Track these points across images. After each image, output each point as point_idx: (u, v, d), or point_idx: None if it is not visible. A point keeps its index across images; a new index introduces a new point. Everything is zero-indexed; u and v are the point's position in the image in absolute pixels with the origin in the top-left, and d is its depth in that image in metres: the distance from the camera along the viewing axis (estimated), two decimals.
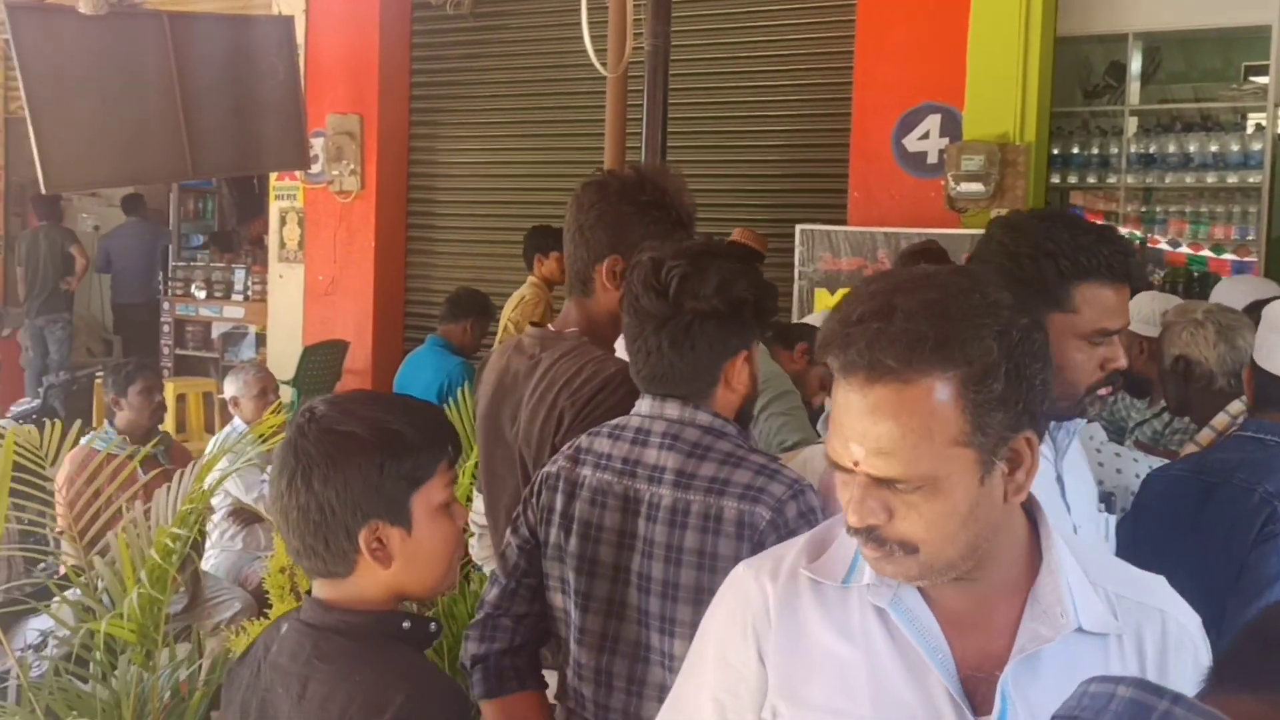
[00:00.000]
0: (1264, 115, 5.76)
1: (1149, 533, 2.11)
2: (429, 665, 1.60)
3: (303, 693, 1.52)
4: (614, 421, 1.94)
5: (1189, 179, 5.96)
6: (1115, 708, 0.79)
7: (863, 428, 1.18)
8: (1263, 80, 5.76)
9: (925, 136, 6.02)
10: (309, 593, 1.64)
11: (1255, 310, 2.61)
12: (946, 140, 5.93)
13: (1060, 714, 0.84)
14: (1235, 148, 5.84)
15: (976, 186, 5.76)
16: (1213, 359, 2.79)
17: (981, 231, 3.08)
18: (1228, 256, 6.02)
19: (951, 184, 5.83)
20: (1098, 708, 0.80)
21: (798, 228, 6.08)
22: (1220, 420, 2.74)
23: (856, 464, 1.20)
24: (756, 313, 1.88)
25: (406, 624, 1.58)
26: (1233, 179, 5.84)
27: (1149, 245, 6.26)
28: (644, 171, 2.39)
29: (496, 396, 2.29)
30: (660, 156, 4.12)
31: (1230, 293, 3.71)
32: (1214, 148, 5.88)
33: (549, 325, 2.38)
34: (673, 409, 1.86)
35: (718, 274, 1.83)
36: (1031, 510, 1.31)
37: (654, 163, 4.11)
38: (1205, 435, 2.78)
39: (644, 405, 1.91)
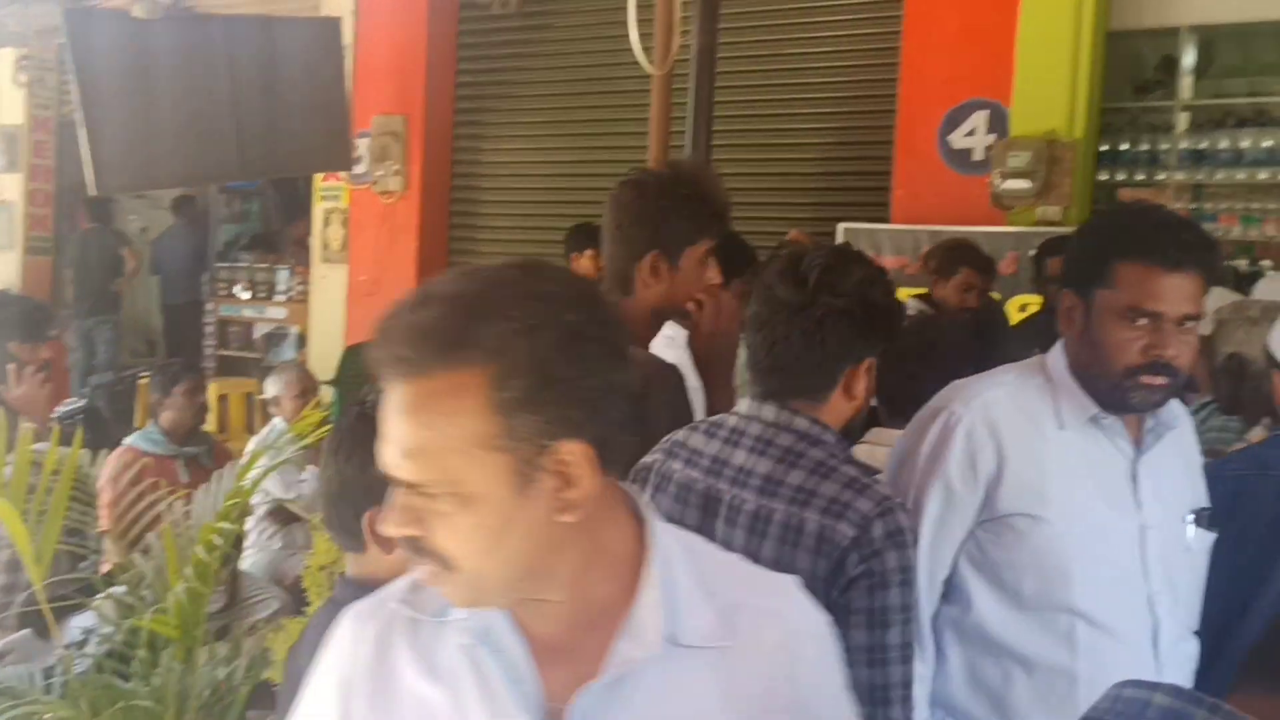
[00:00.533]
0: None
1: (1244, 534, 2.05)
2: None
3: None
4: (713, 418, 1.92)
5: (1240, 175, 5.84)
6: (1151, 716, 0.78)
7: (391, 427, 1.10)
8: None
9: (971, 133, 5.94)
10: (343, 574, 1.74)
11: None
12: (993, 137, 5.85)
13: (1090, 715, 0.82)
14: None
15: (1023, 184, 5.67)
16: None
17: (1027, 229, 3.12)
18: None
19: (997, 181, 5.75)
20: (1131, 714, 0.78)
21: (840, 226, 6.02)
22: None
23: (389, 467, 1.11)
24: (887, 322, 1.85)
25: None
26: None
27: None
28: (679, 167, 2.46)
29: None
30: (705, 155, 4.10)
31: (1272, 289, 3.63)
32: (1267, 143, 5.75)
33: None
34: (769, 411, 1.81)
35: (860, 273, 1.81)
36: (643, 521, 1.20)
37: (689, 159, 4.10)
38: (1256, 434, 2.71)
39: (743, 405, 1.87)
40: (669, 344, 2.54)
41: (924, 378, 2.22)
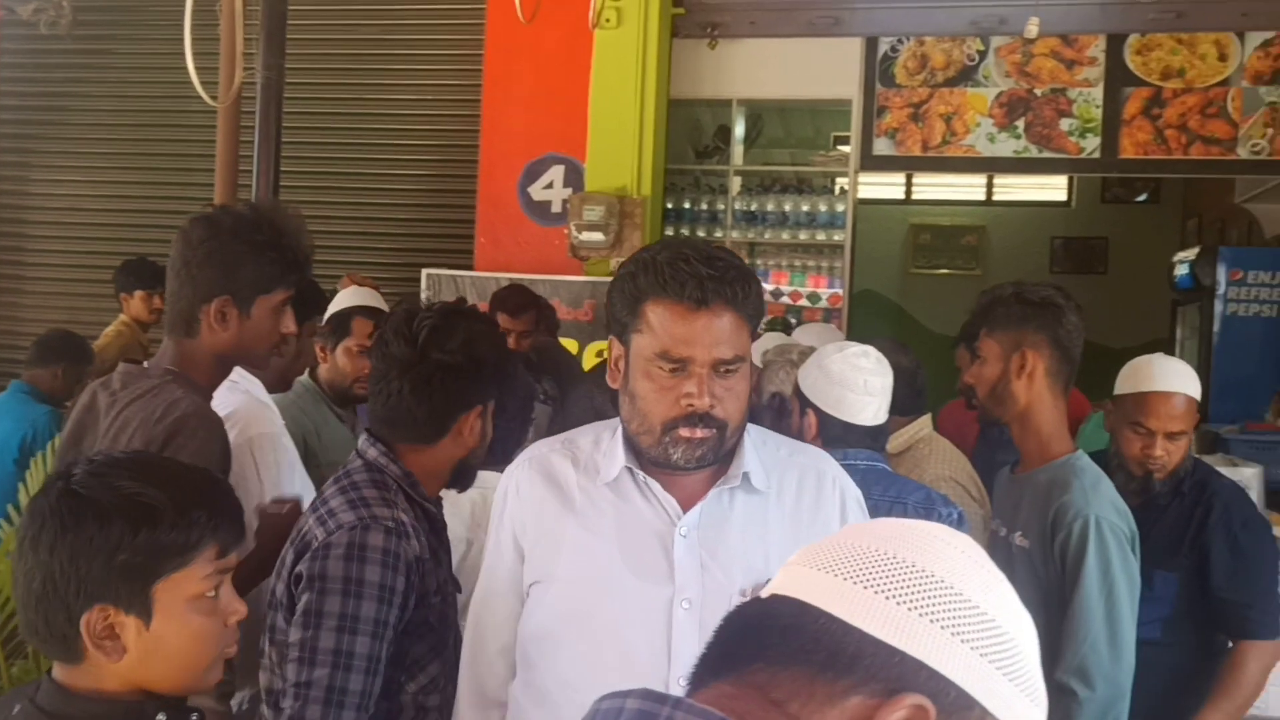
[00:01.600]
0: (846, 180, 6.40)
1: None
2: None
3: None
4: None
5: (785, 235, 6.51)
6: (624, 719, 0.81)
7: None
8: (846, 149, 6.40)
9: (550, 186, 6.19)
10: (49, 672, 1.41)
11: None
12: (569, 190, 6.14)
13: None
14: (824, 208, 6.44)
15: (597, 236, 5.98)
16: None
17: (603, 279, 3.21)
18: (822, 305, 6.62)
19: (574, 233, 6.03)
20: None
21: (424, 271, 6.05)
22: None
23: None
24: (495, 372, 1.99)
25: (161, 717, 1.36)
26: (821, 236, 6.44)
27: None
28: (260, 209, 2.31)
29: (76, 432, 2.16)
30: (273, 193, 3.95)
31: (803, 337, 4.07)
32: (805, 208, 6.46)
33: (144, 364, 2.23)
34: (374, 453, 1.95)
35: (465, 331, 1.95)
36: None
37: (270, 200, 3.94)
38: None
39: (360, 442, 1.99)
40: (231, 389, 2.43)
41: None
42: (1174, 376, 2.69)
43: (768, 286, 6.85)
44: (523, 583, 1.77)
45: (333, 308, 3.37)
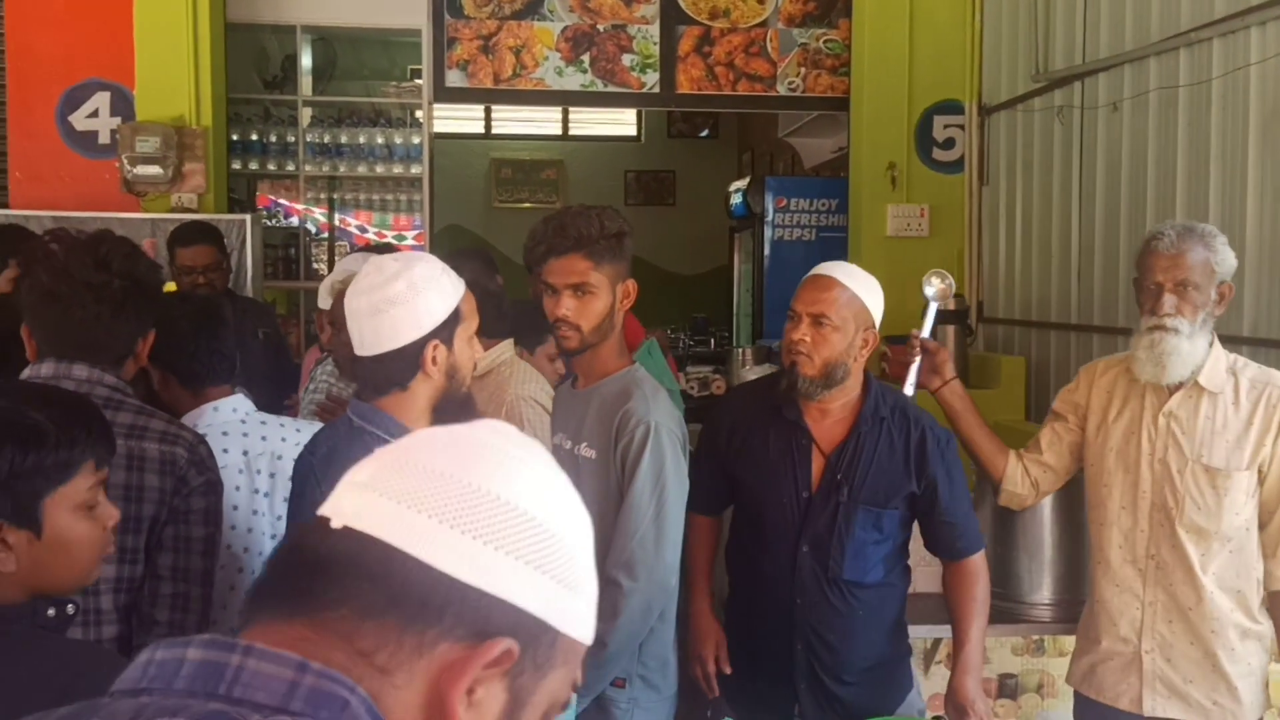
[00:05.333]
0: (422, 113, 6.34)
1: None
2: (87, 647, 1.66)
3: None
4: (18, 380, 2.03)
5: (362, 169, 6.36)
6: (186, 673, 0.75)
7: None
8: (420, 82, 6.33)
9: (95, 114, 5.65)
10: None
11: None
12: (119, 120, 5.64)
13: (121, 688, 0.77)
14: (399, 141, 6.35)
15: (154, 169, 5.56)
16: None
17: (164, 215, 3.30)
18: (409, 243, 6.55)
19: (127, 166, 5.56)
20: (167, 678, 0.75)
21: None
22: None
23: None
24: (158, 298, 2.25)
25: (51, 611, 1.50)
26: (399, 169, 6.36)
27: (341, 227, 6.58)
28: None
29: None
30: None
31: (346, 264, 4.03)
32: (381, 140, 6.35)
33: None
34: (82, 370, 2.07)
35: (144, 258, 2.16)
36: None
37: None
38: None
39: (45, 368, 2.06)
40: None
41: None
42: (836, 269, 2.61)
43: (351, 222, 6.69)
44: None
45: None
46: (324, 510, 0.82)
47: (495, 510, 0.81)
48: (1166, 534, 2.64)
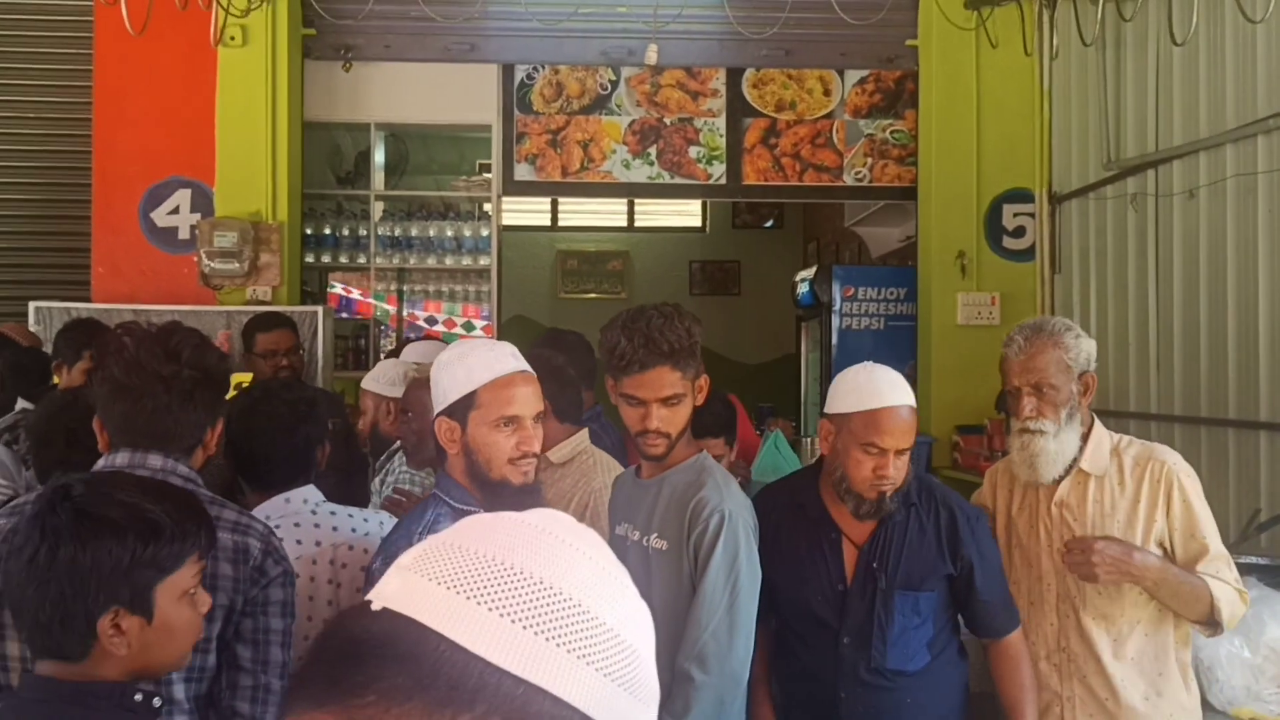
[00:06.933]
0: (491, 205, 6.44)
1: None
2: None
3: None
4: (94, 472, 2.07)
5: (431, 260, 6.45)
6: None
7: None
8: (489, 176, 6.44)
9: (175, 211, 5.81)
10: (28, 671, 1.64)
11: None
12: (198, 216, 5.79)
13: None
14: (469, 233, 6.45)
15: (231, 264, 5.69)
16: None
17: (238, 308, 3.39)
18: (477, 333, 6.61)
19: (205, 260, 5.69)
20: None
21: (32, 305, 5.50)
22: None
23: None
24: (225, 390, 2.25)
25: (138, 696, 1.60)
26: (468, 261, 6.44)
27: (409, 321, 6.67)
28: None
29: None
30: None
31: (412, 353, 4.09)
32: (450, 233, 6.44)
33: None
34: (156, 460, 2.09)
35: (214, 350, 2.18)
36: None
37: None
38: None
39: (120, 457, 2.09)
40: None
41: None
42: (898, 390, 2.51)
43: (420, 314, 6.78)
44: None
45: None
46: (370, 594, 0.79)
47: (539, 595, 0.76)
48: (1074, 624, 2.64)
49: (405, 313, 6.72)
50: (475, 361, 2.18)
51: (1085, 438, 2.66)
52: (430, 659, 0.74)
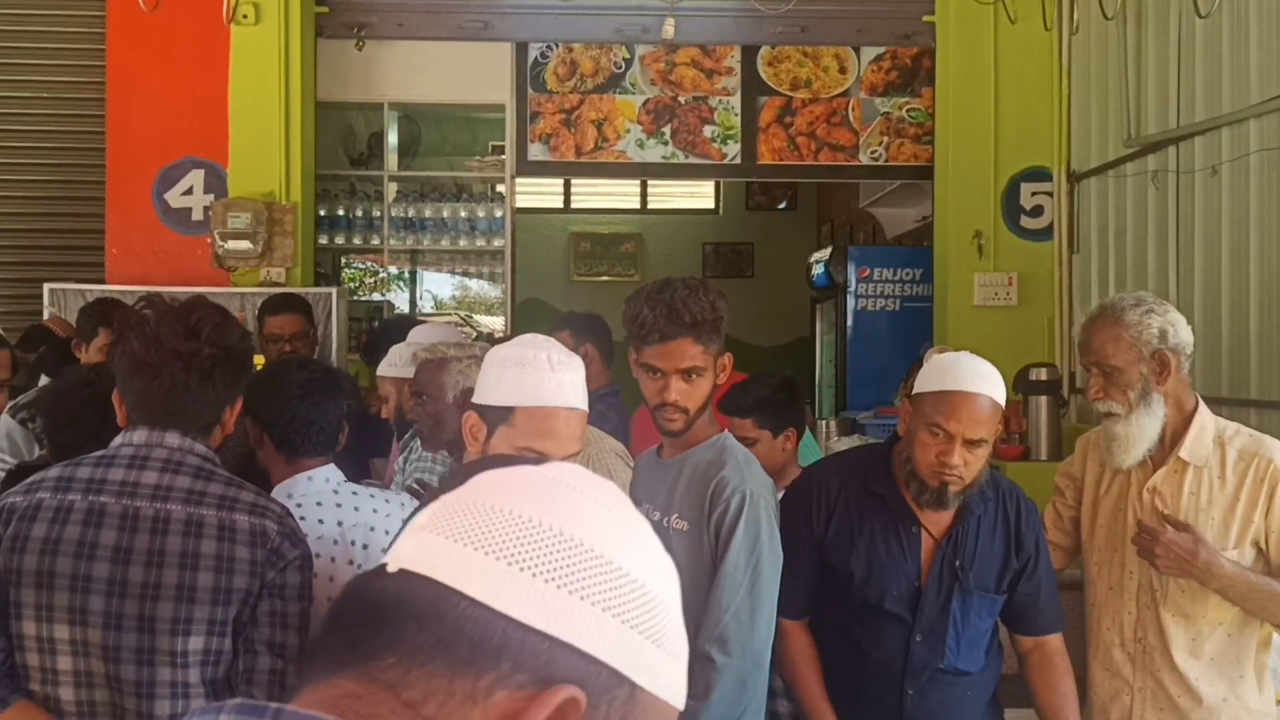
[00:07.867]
0: (504, 186, 6.40)
1: None
2: None
3: None
4: (98, 453, 2.09)
5: (445, 242, 6.43)
6: None
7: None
8: (503, 157, 6.40)
9: (189, 192, 5.80)
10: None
11: None
12: (212, 197, 5.77)
13: None
14: (482, 214, 6.42)
15: (244, 244, 5.67)
16: None
17: (252, 289, 3.37)
18: (497, 314, 6.59)
19: (219, 241, 5.68)
20: None
21: (46, 287, 5.50)
22: None
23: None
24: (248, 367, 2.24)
25: None
26: (481, 242, 6.41)
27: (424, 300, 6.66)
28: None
29: None
30: None
31: (417, 335, 4.05)
32: (464, 214, 6.41)
33: None
34: (174, 439, 2.07)
35: (236, 327, 2.14)
36: None
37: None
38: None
39: (138, 435, 2.07)
40: None
41: None
42: (982, 379, 2.40)
43: (430, 292, 6.78)
44: None
45: None
46: (386, 557, 0.77)
47: (560, 547, 0.74)
48: (1152, 617, 2.52)
49: (421, 294, 6.71)
50: (530, 377, 2.02)
51: (1188, 422, 2.49)
52: (452, 617, 0.71)
